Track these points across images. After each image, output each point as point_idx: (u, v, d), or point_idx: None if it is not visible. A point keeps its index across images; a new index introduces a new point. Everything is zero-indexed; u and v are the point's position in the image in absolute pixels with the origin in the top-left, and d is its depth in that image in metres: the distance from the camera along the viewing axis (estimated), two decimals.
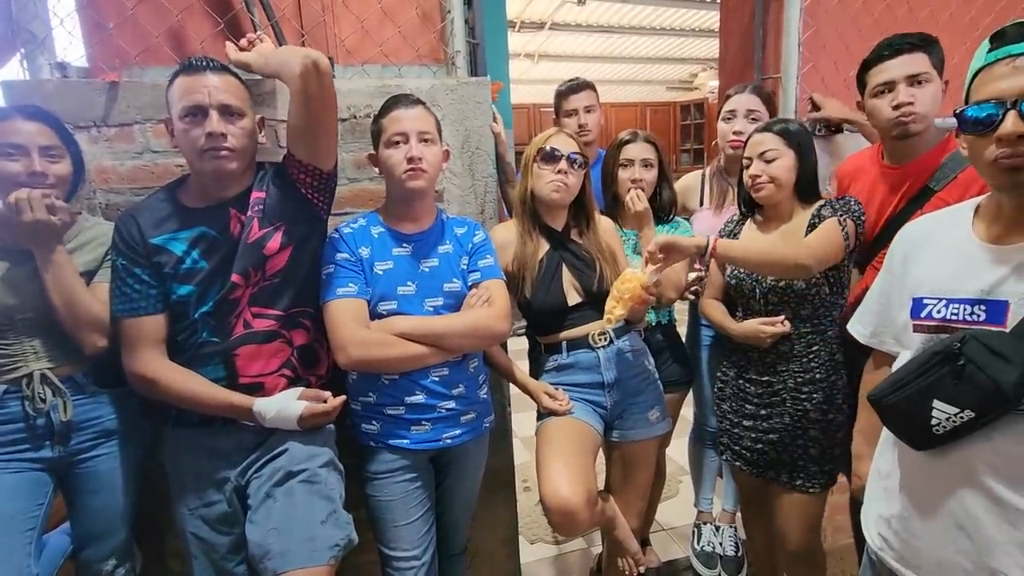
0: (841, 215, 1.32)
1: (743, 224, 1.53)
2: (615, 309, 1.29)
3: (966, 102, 0.86)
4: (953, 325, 0.88)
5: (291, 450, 1.20)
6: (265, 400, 1.18)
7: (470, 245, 1.36)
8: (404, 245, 1.30)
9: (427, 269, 1.30)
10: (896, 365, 0.98)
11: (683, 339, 1.83)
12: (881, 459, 1.01)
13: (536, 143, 1.44)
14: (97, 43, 1.43)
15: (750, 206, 1.51)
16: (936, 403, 0.83)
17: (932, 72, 1.33)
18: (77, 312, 1.17)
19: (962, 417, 0.81)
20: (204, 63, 1.14)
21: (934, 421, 0.84)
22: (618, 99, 8.34)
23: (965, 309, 0.87)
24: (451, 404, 1.29)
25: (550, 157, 1.40)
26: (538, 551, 2.18)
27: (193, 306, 1.16)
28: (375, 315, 1.25)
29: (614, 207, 1.70)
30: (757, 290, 1.40)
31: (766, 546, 1.66)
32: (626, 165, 1.64)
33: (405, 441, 1.27)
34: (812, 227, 1.35)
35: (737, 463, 1.49)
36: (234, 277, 1.16)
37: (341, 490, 1.23)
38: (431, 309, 1.28)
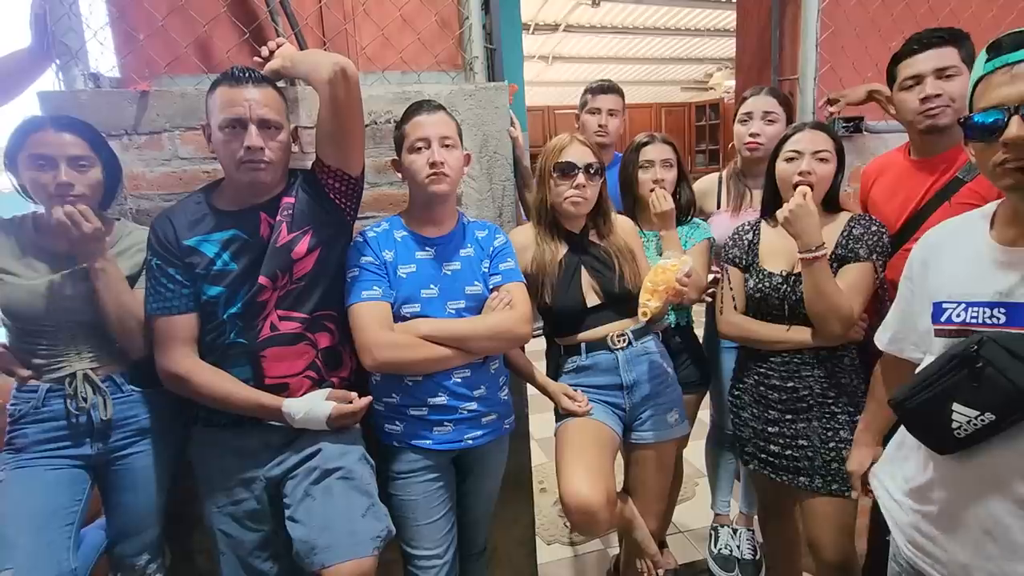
0: (876, 256, 1.33)
1: (759, 227, 1.51)
2: (650, 301, 1.29)
3: (969, 111, 0.88)
4: (973, 328, 0.88)
5: (324, 450, 1.23)
6: (294, 401, 1.21)
7: (491, 248, 1.38)
8: (427, 248, 1.33)
9: (449, 272, 1.32)
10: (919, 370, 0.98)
11: (700, 341, 1.83)
12: (907, 464, 1.01)
13: (551, 155, 1.43)
14: (128, 54, 1.47)
15: (772, 207, 1.47)
16: (956, 406, 0.84)
17: (962, 66, 1.31)
18: (126, 318, 1.22)
19: (983, 420, 0.81)
20: (246, 75, 1.17)
21: (955, 425, 0.84)
22: (633, 100, 8.30)
23: (984, 312, 0.87)
24: (473, 405, 1.31)
25: (566, 171, 1.40)
26: (555, 552, 2.19)
27: (222, 307, 1.19)
28: (398, 317, 1.28)
29: (635, 210, 1.70)
30: (786, 304, 1.37)
31: (785, 552, 1.65)
32: (646, 167, 1.64)
33: (428, 442, 1.29)
34: (842, 257, 1.34)
35: (766, 471, 1.46)
36: (261, 279, 1.19)
37: (375, 484, 1.27)
38: (453, 312, 1.30)
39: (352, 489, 1.22)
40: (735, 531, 2.03)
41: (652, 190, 1.60)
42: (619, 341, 1.42)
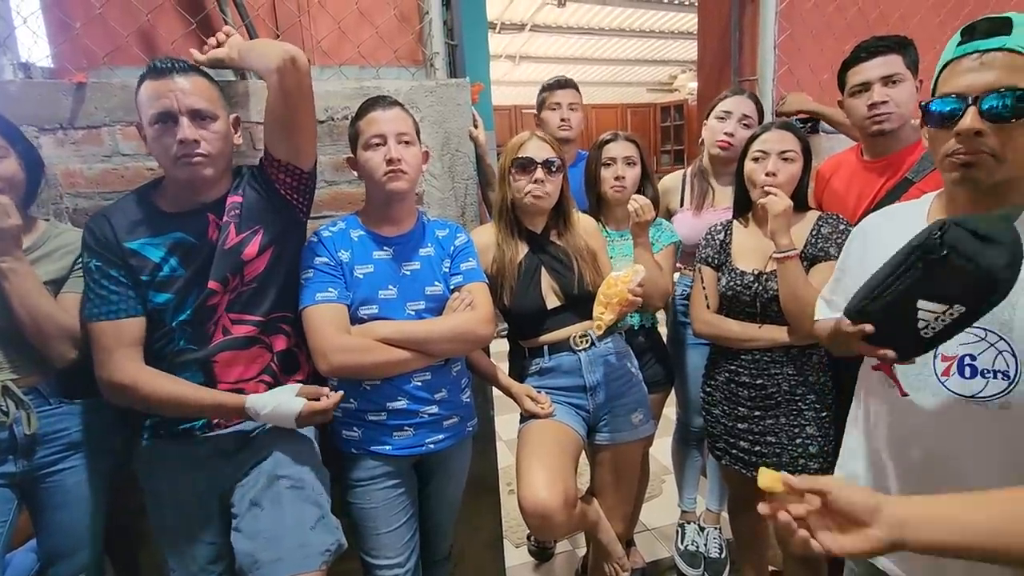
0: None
1: (731, 227, 1.52)
2: (604, 315, 1.29)
3: (933, 93, 0.87)
4: None
5: (275, 456, 1.17)
6: (259, 396, 1.14)
7: (452, 248, 1.35)
8: (385, 248, 1.29)
9: (408, 272, 1.28)
10: None
11: (664, 339, 1.84)
12: (852, 462, 1.02)
13: (510, 151, 1.42)
14: (63, 43, 1.38)
15: (742, 207, 1.50)
16: (921, 303, 0.76)
17: (906, 72, 1.37)
18: (42, 323, 1.13)
19: (951, 314, 0.75)
20: (169, 65, 1.10)
21: (921, 323, 0.77)
22: (599, 100, 8.40)
23: None
24: (434, 409, 1.28)
25: (525, 166, 1.39)
26: (523, 554, 2.17)
27: (171, 314, 1.13)
28: (355, 319, 1.23)
29: (599, 208, 1.69)
30: (757, 302, 1.39)
31: (753, 546, 1.67)
32: (608, 164, 1.63)
33: (387, 447, 1.25)
34: (813, 256, 1.35)
35: (736, 466, 1.47)
36: (211, 284, 1.13)
37: (328, 494, 1.21)
38: (413, 313, 1.26)
39: (302, 499, 1.16)
40: (701, 528, 2.05)
41: (612, 187, 1.59)
42: (581, 342, 1.41)
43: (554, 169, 1.40)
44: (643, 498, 2.07)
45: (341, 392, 1.20)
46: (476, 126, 1.60)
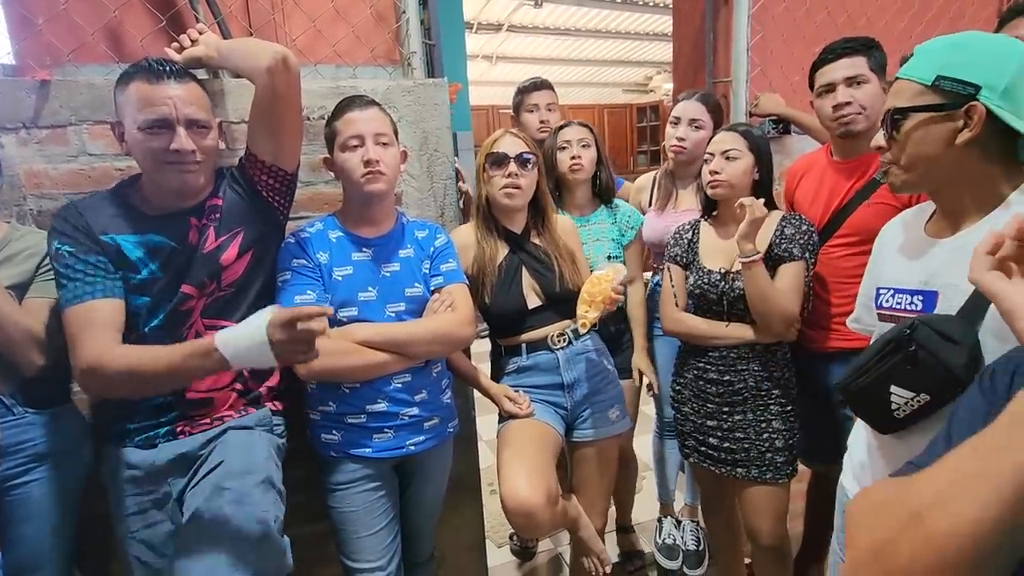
0: (808, 255, 1.38)
1: (699, 226, 1.55)
2: (588, 312, 1.30)
3: None
4: (900, 314, 0.95)
5: (227, 463, 1.09)
6: (227, 333, 0.99)
7: (432, 249, 1.34)
8: (364, 250, 1.27)
9: (388, 274, 1.27)
10: None
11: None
12: (856, 449, 1.06)
13: (484, 149, 1.43)
14: (26, 39, 1.33)
15: (708, 208, 1.54)
16: (894, 388, 0.87)
17: (870, 74, 1.40)
18: (8, 329, 1.08)
19: (919, 401, 0.85)
20: (165, 69, 1.06)
21: (894, 406, 0.87)
22: (576, 101, 8.44)
23: (907, 299, 0.94)
24: (414, 411, 1.27)
25: (499, 161, 1.40)
26: (506, 554, 2.18)
27: (144, 319, 1.10)
28: (335, 322, 1.22)
29: (559, 194, 1.74)
30: (724, 300, 1.42)
31: (727, 540, 1.70)
32: (564, 147, 1.68)
33: (367, 450, 1.24)
34: (777, 257, 1.38)
35: (705, 463, 1.50)
36: (186, 288, 1.11)
37: (278, 511, 1.10)
38: (393, 315, 1.25)
39: (243, 517, 1.03)
40: (679, 522, 2.08)
41: (570, 167, 1.65)
42: (559, 341, 1.42)
43: (528, 165, 1.40)
44: (633, 489, 2.10)
45: (330, 308, 1.07)
46: (462, 180, 1.67)
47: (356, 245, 1.27)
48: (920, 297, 0.92)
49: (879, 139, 0.95)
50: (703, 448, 1.50)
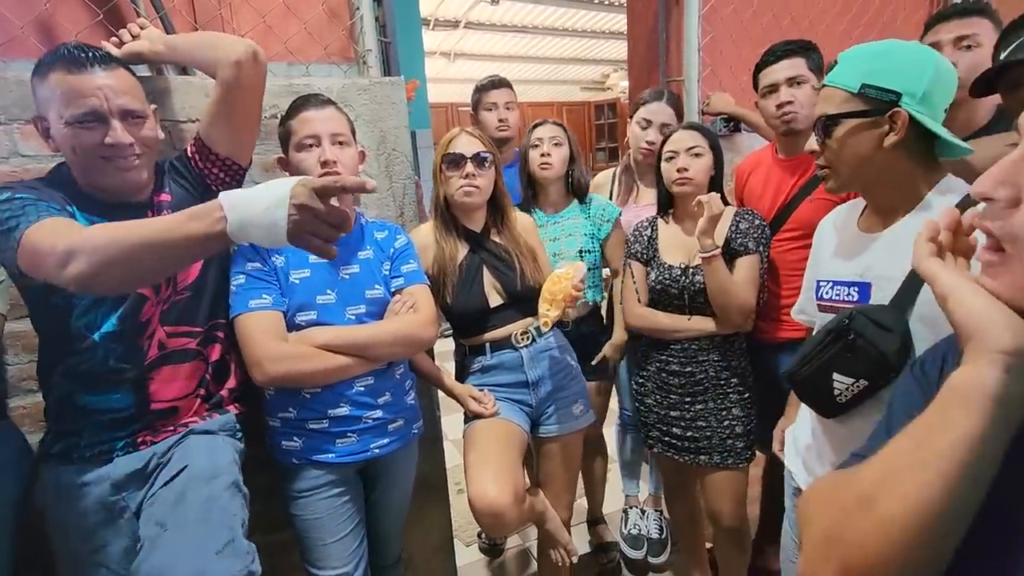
0: (762, 248, 1.44)
1: (656, 223, 1.59)
2: (550, 311, 1.31)
3: None
4: (838, 305, 1.01)
5: (191, 468, 1.05)
6: (239, 193, 0.81)
7: (392, 250, 1.33)
8: None
9: (347, 276, 1.25)
10: None
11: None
12: (801, 433, 1.12)
13: (440, 148, 1.43)
14: None
15: (665, 205, 1.57)
16: (836, 375, 0.93)
17: (809, 75, 1.47)
18: None
19: (858, 386, 0.91)
20: (88, 56, 0.99)
21: (836, 391, 0.94)
22: (535, 99, 8.48)
23: (844, 290, 1.00)
24: (378, 413, 1.26)
25: (455, 161, 1.39)
26: (474, 553, 2.18)
27: (96, 325, 1.04)
28: (293, 326, 1.19)
29: (533, 191, 1.76)
30: (685, 294, 1.46)
31: (689, 526, 1.76)
32: (536, 145, 1.71)
33: (330, 455, 1.22)
34: (734, 251, 1.43)
35: (669, 452, 1.55)
36: (141, 289, 1.05)
37: (244, 515, 1.08)
38: (353, 317, 1.23)
39: (210, 520, 1.01)
40: (643, 512, 2.13)
41: (539, 164, 1.68)
42: (523, 339, 1.43)
43: (485, 164, 1.41)
44: (604, 482, 2.14)
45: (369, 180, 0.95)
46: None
47: None
48: (856, 288, 0.98)
49: (812, 144, 1.01)
50: (667, 438, 1.54)
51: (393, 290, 1.30)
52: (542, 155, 1.68)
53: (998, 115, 1.28)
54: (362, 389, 1.23)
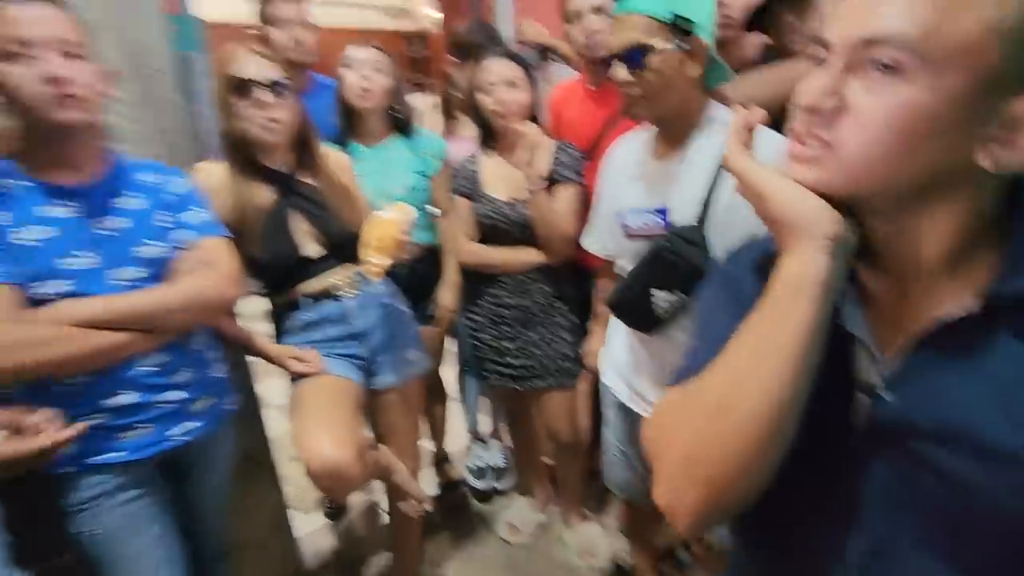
0: (582, 179, 1.46)
1: (478, 157, 1.55)
2: (377, 259, 1.18)
3: None
4: (646, 232, 1.07)
5: None
6: None
7: (170, 196, 1.08)
8: (65, 203, 0.96)
9: (108, 232, 0.99)
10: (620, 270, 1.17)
11: None
12: (617, 350, 1.22)
13: (221, 69, 1.18)
14: None
15: (487, 138, 1.53)
16: (655, 292, 1.01)
17: (612, 4, 1.49)
18: None
19: (676, 301, 1.00)
20: None
21: (657, 308, 1.02)
22: (337, 24, 7.66)
23: (648, 217, 1.07)
24: (175, 395, 1.05)
25: (245, 89, 1.17)
26: (317, 519, 2.06)
27: None
28: (37, 302, 0.92)
29: (350, 121, 1.60)
30: (515, 228, 1.47)
31: (527, 448, 1.87)
32: (351, 67, 1.54)
33: (121, 453, 1.00)
34: (553, 180, 1.44)
35: (507, 382, 1.59)
36: None
37: None
38: (123, 283, 0.99)
39: None
40: (485, 442, 2.21)
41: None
42: (347, 289, 1.31)
43: (285, 92, 1.21)
44: (445, 421, 2.15)
45: (83, 423, 0.87)
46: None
47: (51, 196, 0.95)
48: (659, 214, 1.06)
49: (624, 73, 1.00)
50: (504, 369, 1.59)
51: (179, 245, 1.07)
52: (362, 78, 1.51)
53: (767, 54, 1.45)
54: (151, 369, 1.01)
